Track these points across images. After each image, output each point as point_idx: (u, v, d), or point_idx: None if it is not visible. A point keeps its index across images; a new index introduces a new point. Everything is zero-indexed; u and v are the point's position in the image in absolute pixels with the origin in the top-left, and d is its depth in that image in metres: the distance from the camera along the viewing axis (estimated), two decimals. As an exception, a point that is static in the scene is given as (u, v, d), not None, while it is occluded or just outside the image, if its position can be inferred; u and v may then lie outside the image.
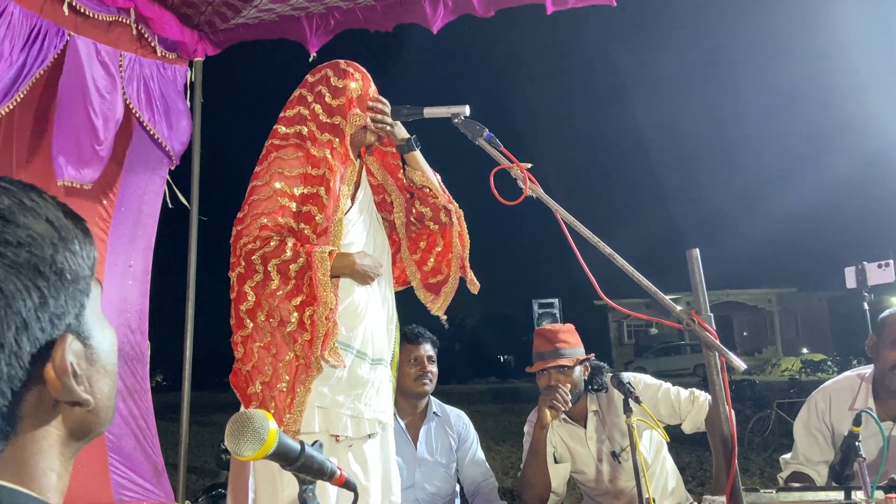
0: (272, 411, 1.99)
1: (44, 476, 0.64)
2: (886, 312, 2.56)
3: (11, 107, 2.73)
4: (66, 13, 2.91)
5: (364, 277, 2.12)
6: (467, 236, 2.36)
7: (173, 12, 3.30)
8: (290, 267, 2.01)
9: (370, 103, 2.22)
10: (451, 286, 2.36)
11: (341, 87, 2.21)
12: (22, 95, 2.75)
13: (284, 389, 2.01)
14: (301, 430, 2.00)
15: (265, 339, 2.05)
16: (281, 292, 2.03)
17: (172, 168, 3.51)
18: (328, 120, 2.19)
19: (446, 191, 2.34)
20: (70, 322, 0.65)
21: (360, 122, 2.19)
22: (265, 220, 2.07)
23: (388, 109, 2.20)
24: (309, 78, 2.29)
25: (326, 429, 2.02)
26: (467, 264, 2.36)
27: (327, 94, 2.21)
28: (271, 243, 2.03)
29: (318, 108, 2.21)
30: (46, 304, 0.63)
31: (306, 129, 2.19)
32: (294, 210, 2.11)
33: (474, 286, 2.37)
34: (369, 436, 2.13)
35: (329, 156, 2.16)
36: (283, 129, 2.22)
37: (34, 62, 2.78)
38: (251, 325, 2.07)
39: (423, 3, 3.20)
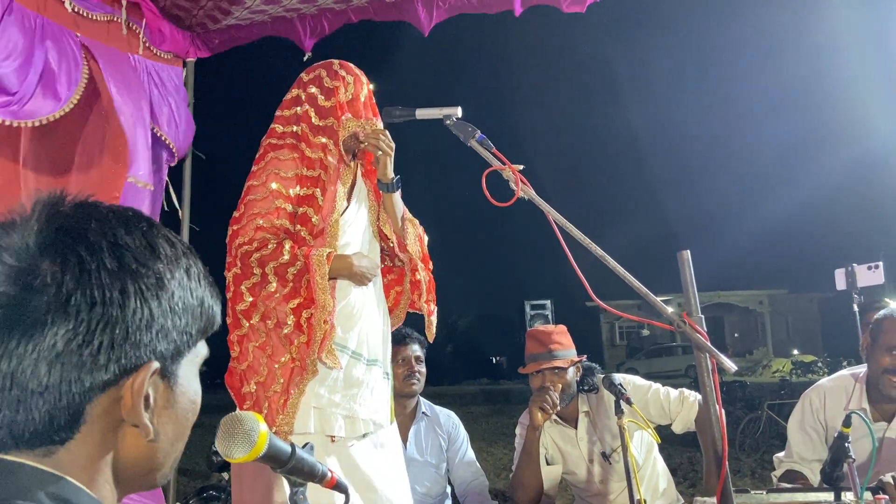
0: (265, 412, 1.99)
1: (102, 487, 0.69)
2: (881, 314, 2.54)
3: (67, 110, 2.72)
4: (70, 13, 2.90)
5: (361, 279, 2.12)
6: (423, 286, 2.34)
7: (165, 14, 3.29)
8: (289, 270, 2.01)
9: (370, 135, 2.18)
10: (399, 320, 2.43)
11: (332, 88, 2.21)
12: (75, 100, 2.75)
13: (279, 391, 2.00)
14: (296, 431, 1.99)
15: (261, 340, 2.05)
16: (278, 295, 2.03)
17: (173, 164, 3.50)
18: (321, 122, 2.20)
19: (407, 239, 2.33)
20: (162, 353, 0.70)
21: (352, 127, 2.18)
22: (261, 222, 2.07)
23: (389, 144, 2.19)
24: (303, 77, 2.29)
25: (321, 429, 2.02)
26: (426, 313, 2.38)
27: (319, 96, 2.21)
28: (269, 246, 2.03)
29: (311, 110, 2.21)
30: (150, 329, 0.68)
31: (300, 130, 2.20)
32: (290, 211, 2.11)
33: (430, 333, 2.45)
34: (364, 435, 2.12)
35: (324, 157, 2.16)
36: (280, 128, 2.22)
37: (71, 67, 2.77)
38: (247, 325, 2.06)
39: (416, 4, 3.21)
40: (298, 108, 2.22)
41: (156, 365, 0.69)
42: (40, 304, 0.64)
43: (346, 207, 2.22)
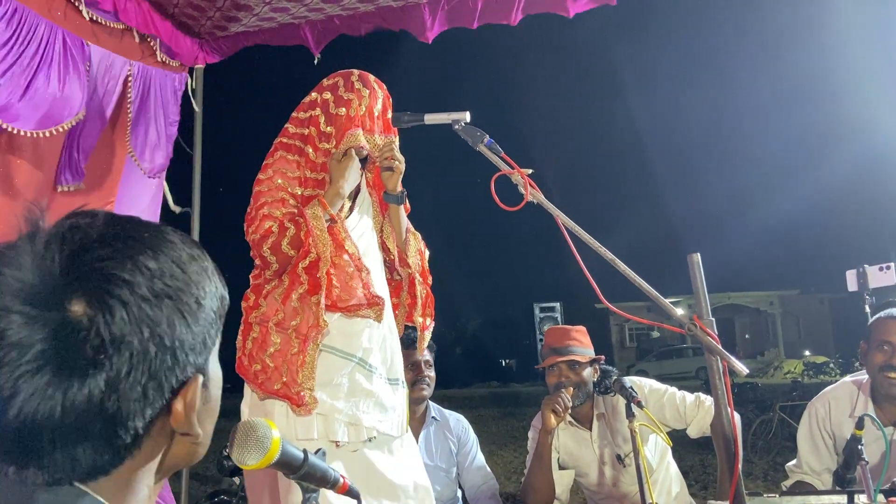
0: (285, 377, 2.02)
1: (140, 492, 0.72)
2: (873, 318, 2.59)
3: (74, 123, 2.75)
4: (87, 22, 2.93)
5: (354, 176, 2.17)
6: (419, 300, 2.35)
7: (173, 21, 3.31)
8: (300, 236, 2.07)
9: (384, 148, 2.22)
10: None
11: (346, 99, 2.23)
12: (83, 114, 2.78)
13: (295, 352, 2.04)
14: (300, 437, 2.00)
15: (276, 311, 2.10)
16: (302, 262, 2.08)
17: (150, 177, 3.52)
18: (328, 129, 2.22)
19: (409, 251, 2.34)
20: (201, 364, 0.74)
21: (353, 142, 2.19)
22: (266, 210, 2.14)
23: (401, 158, 2.23)
24: (324, 82, 2.32)
25: (326, 435, 2.03)
26: (419, 327, 2.38)
27: (332, 103, 2.24)
28: (273, 230, 2.09)
29: (321, 116, 2.24)
30: (195, 350, 0.72)
31: (309, 133, 2.24)
32: (293, 205, 2.17)
33: (420, 347, 2.46)
34: (370, 440, 2.12)
35: (328, 162, 2.19)
36: (293, 128, 2.28)
37: (78, 79, 2.80)
38: (265, 303, 2.12)
39: (423, 9, 3.22)
40: (312, 112, 2.26)
41: (201, 378, 0.73)
42: (86, 351, 0.63)
43: (349, 214, 2.24)
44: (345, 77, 2.28)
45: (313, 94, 2.30)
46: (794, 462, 2.74)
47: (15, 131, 2.54)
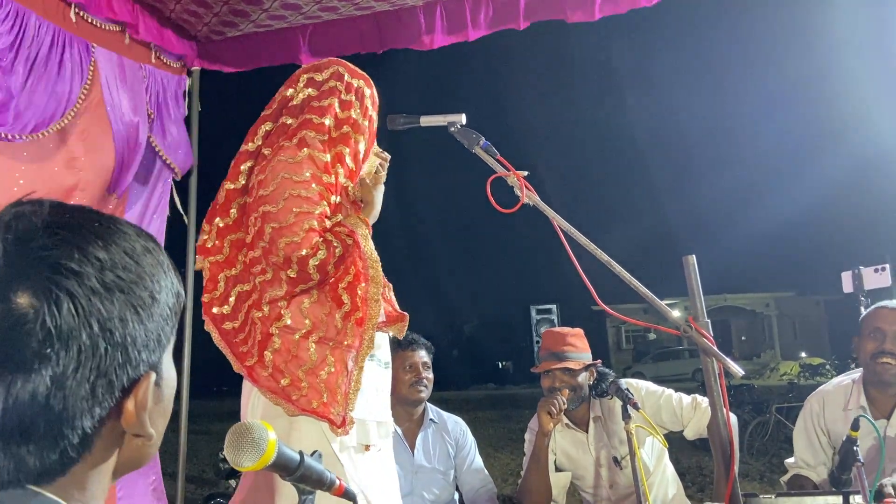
0: (326, 397, 1.89)
1: (95, 499, 0.69)
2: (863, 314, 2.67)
3: (65, 123, 2.74)
4: (84, 24, 2.93)
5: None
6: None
7: (170, 24, 3.31)
8: (345, 255, 1.95)
9: (382, 154, 2.22)
10: None
11: (371, 115, 2.15)
12: (73, 113, 2.77)
13: (334, 371, 1.92)
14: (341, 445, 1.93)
15: (305, 330, 1.96)
16: (342, 283, 1.98)
17: (178, 178, 3.52)
18: (361, 139, 2.13)
19: None
20: (154, 361, 0.70)
21: (382, 159, 2.20)
22: (315, 224, 1.92)
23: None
24: (345, 75, 2.11)
25: (359, 440, 1.97)
26: None
27: (356, 110, 2.10)
28: (320, 249, 1.91)
29: (355, 120, 2.10)
30: (148, 347, 0.69)
31: (337, 134, 2.07)
32: (328, 216, 2.01)
33: None
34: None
35: (354, 168, 2.12)
36: (317, 119, 2.05)
37: (75, 78, 2.79)
38: (288, 316, 1.95)
39: (418, 15, 3.22)
40: (340, 111, 2.07)
41: (153, 376, 0.70)
42: (30, 345, 0.61)
43: None
44: (369, 86, 2.15)
45: (335, 84, 2.08)
46: (791, 459, 2.78)
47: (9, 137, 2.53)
